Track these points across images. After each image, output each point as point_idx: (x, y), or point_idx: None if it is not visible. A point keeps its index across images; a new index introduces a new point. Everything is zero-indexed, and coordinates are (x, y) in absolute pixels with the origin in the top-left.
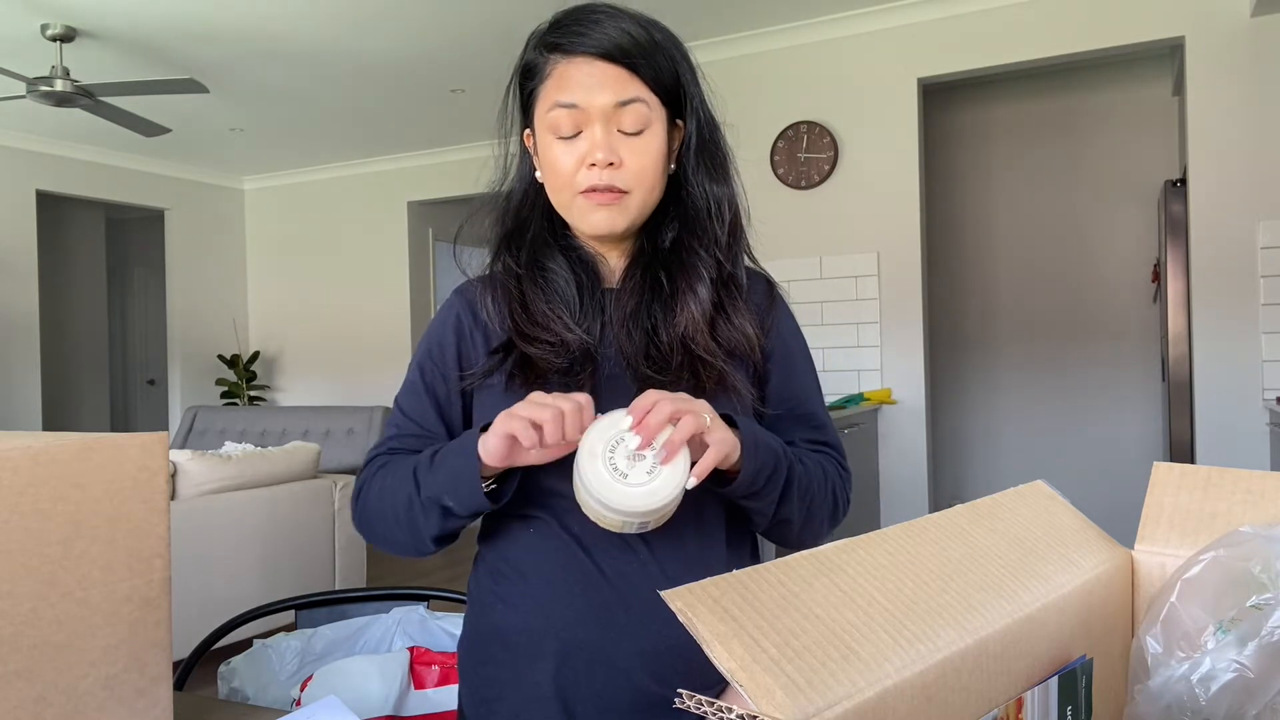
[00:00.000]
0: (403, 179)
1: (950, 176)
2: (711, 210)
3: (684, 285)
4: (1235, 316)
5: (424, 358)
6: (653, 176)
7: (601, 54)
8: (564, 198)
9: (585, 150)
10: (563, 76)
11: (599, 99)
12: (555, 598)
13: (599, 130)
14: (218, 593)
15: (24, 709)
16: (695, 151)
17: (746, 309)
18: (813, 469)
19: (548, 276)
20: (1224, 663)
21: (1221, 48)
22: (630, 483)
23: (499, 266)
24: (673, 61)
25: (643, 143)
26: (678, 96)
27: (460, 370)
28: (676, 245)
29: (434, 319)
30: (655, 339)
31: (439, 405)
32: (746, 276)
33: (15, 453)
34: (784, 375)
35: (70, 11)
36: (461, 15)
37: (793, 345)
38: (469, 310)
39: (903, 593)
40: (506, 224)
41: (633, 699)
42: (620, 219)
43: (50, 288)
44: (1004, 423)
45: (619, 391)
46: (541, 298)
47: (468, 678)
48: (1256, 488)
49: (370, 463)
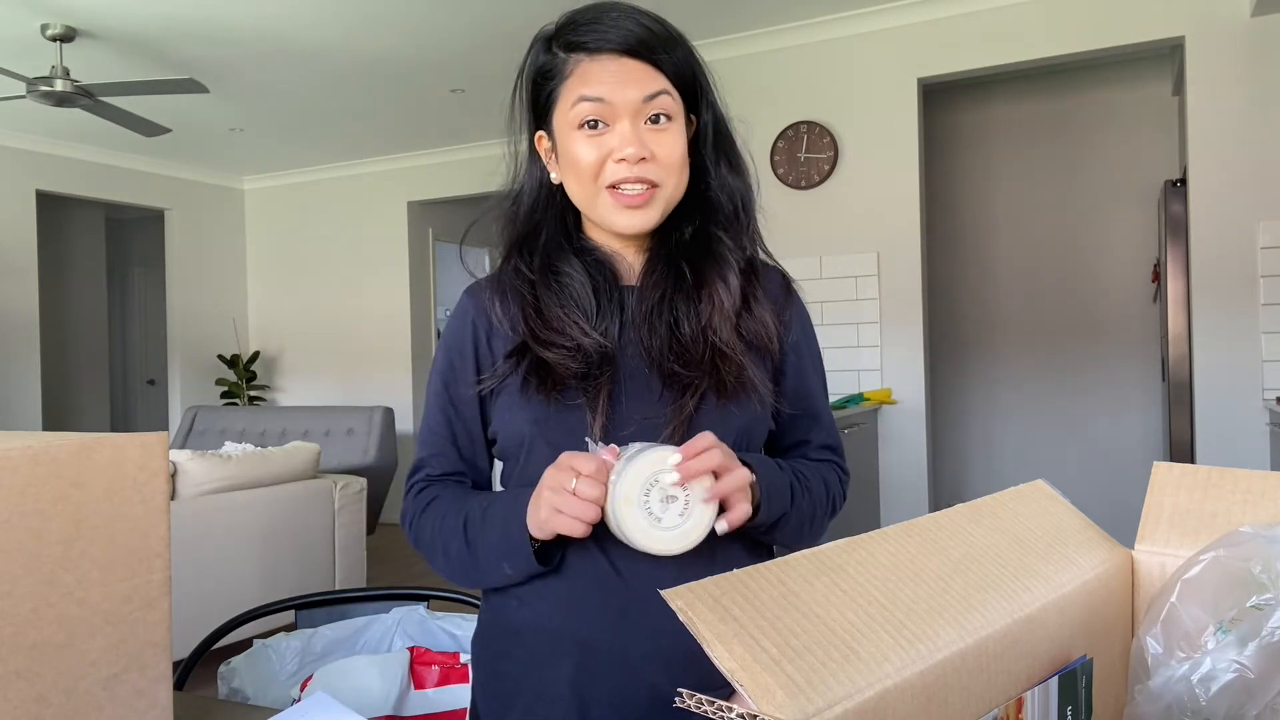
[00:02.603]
0: (403, 179)
1: (950, 176)
2: (735, 201)
3: (714, 275)
4: (1235, 316)
5: (445, 369)
6: (680, 167)
7: (626, 49)
8: (588, 193)
9: (614, 145)
10: (586, 73)
11: (627, 94)
12: (572, 597)
13: (627, 125)
14: (218, 593)
15: (24, 709)
16: (713, 143)
17: (766, 301)
18: (816, 489)
19: (562, 281)
20: (1224, 663)
21: (1221, 48)
22: (664, 526)
23: (510, 270)
24: (688, 54)
25: (670, 135)
26: (693, 90)
27: (479, 375)
28: (702, 237)
29: (449, 325)
30: (678, 332)
31: (466, 417)
32: (762, 270)
33: (15, 453)
34: (797, 372)
35: (70, 11)
36: (461, 15)
37: (807, 342)
38: (483, 313)
39: (903, 593)
40: (518, 228)
41: (648, 700)
42: (652, 215)
43: (50, 288)
44: (1004, 423)
45: (641, 389)
46: (556, 302)
47: (481, 673)
48: (1256, 488)
49: (414, 490)
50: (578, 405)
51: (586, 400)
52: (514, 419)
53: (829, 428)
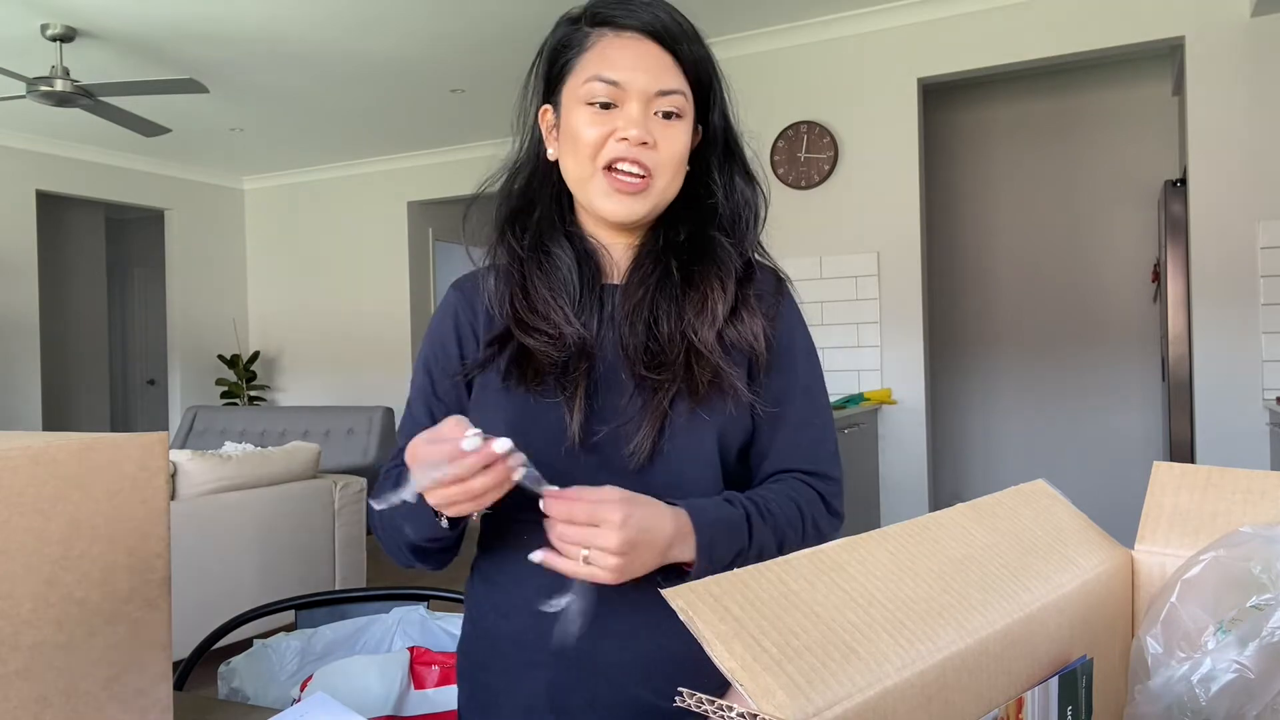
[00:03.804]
0: (403, 179)
1: (950, 176)
2: (746, 210)
3: (711, 276)
4: (1235, 316)
5: (429, 359)
6: (678, 165)
7: (650, 33)
8: (585, 171)
9: (620, 124)
10: (606, 50)
11: (642, 79)
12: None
13: (636, 108)
14: (218, 593)
15: (24, 709)
16: (723, 151)
17: (757, 304)
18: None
19: (553, 261)
20: (1224, 663)
21: (1221, 48)
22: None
23: (502, 250)
24: (709, 58)
25: (675, 131)
26: (707, 95)
27: (463, 365)
28: (701, 240)
29: (434, 318)
30: (655, 330)
31: (449, 408)
32: (757, 270)
33: (15, 453)
34: (780, 373)
35: (70, 11)
36: (461, 15)
37: (796, 344)
38: (467, 304)
39: (903, 592)
40: (513, 202)
41: (626, 708)
42: (641, 206)
43: (50, 288)
44: (1004, 422)
45: (615, 389)
46: (544, 283)
47: (465, 682)
48: (1256, 488)
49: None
50: (554, 404)
51: (564, 398)
52: (491, 419)
53: (813, 447)
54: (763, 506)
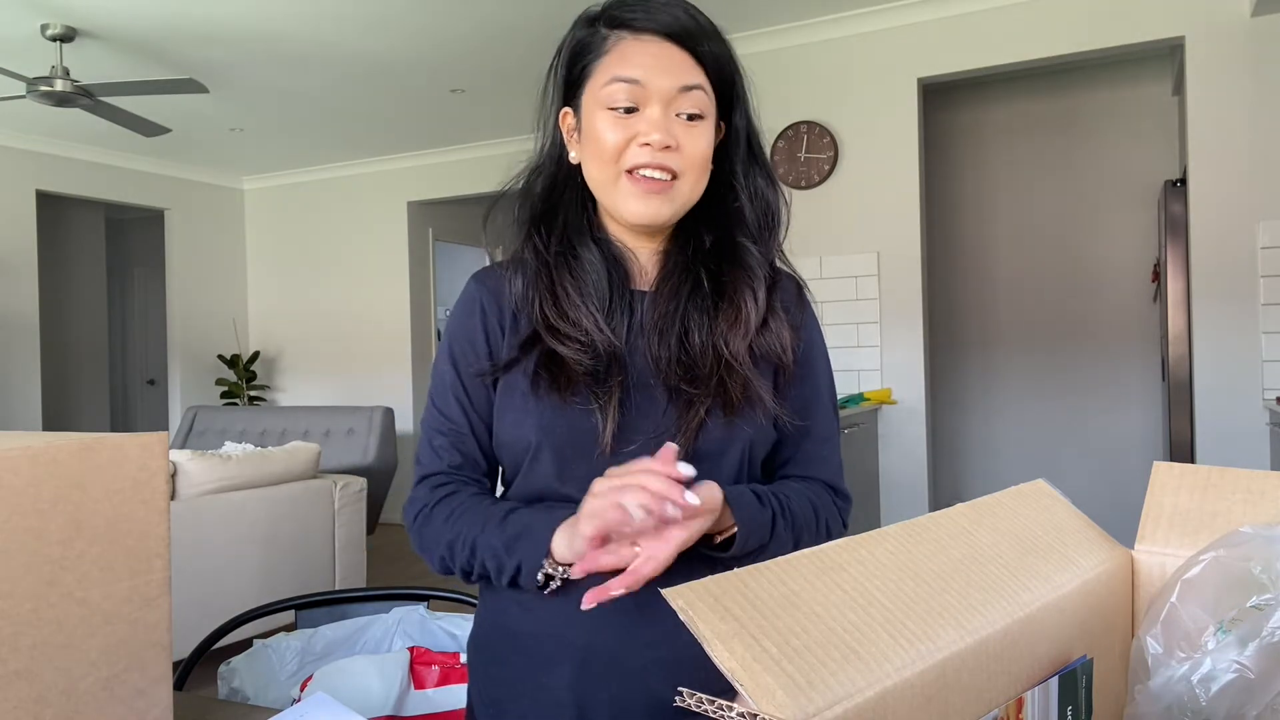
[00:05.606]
0: (403, 179)
1: (950, 176)
2: (769, 212)
3: (742, 286)
4: (1235, 316)
5: (457, 354)
6: (703, 165)
7: (670, 34)
8: (607, 175)
9: (642, 129)
10: (625, 52)
11: (663, 80)
12: (572, 603)
13: (657, 110)
14: (218, 593)
15: (24, 709)
16: (746, 151)
17: (783, 314)
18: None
19: (582, 265)
20: (1224, 663)
21: (1221, 48)
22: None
23: (528, 249)
24: (730, 57)
25: (699, 130)
26: (729, 94)
27: (492, 362)
28: (728, 246)
29: (455, 314)
30: (687, 343)
31: (480, 407)
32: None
33: (15, 453)
34: (803, 383)
35: (70, 11)
36: (461, 15)
37: (816, 354)
38: (492, 300)
39: (903, 592)
40: (536, 207)
41: (648, 706)
42: (666, 208)
43: (50, 288)
44: (1004, 422)
45: (647, 398)
46: (574, 287)
47: (477, 676)
48: (1256, 488)
49: (425, 482)
50: (587, 411)
51: (598, 406)
52: (520, 422)
53: (830, 440)
54: (785, 506)
